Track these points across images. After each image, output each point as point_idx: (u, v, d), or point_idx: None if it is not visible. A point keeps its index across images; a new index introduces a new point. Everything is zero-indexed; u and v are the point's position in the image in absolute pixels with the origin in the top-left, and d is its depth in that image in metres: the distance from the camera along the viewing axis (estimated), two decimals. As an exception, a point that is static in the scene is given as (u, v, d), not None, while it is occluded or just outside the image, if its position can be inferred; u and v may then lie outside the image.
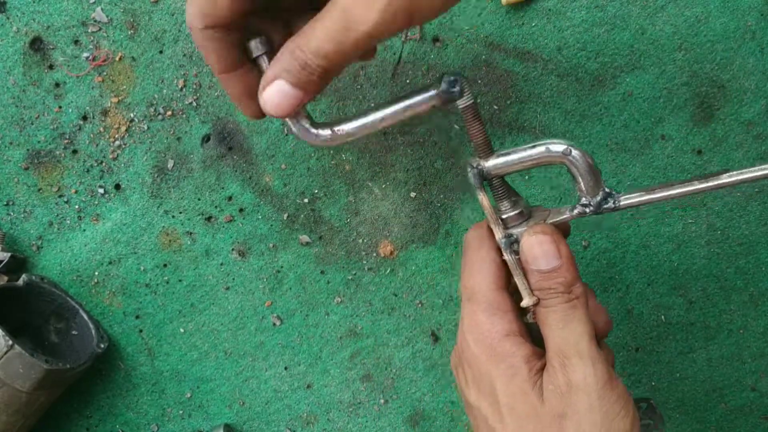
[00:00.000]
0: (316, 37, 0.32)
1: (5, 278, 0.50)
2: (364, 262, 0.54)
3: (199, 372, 0.56)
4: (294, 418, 0.57)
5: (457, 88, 0.35)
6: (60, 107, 0.50)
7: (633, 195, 0.37)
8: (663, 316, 0.57)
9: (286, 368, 0.56)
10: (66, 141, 0.51)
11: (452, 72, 0.36)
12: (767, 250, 0.55)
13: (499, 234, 0.38)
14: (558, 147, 0.36)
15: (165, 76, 0.50)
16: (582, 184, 0.37)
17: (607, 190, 0.37)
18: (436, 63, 0.51)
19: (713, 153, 0.53)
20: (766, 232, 0.55)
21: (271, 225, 0.53)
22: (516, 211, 0.38)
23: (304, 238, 0.54)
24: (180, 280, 0.54)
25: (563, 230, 0.40)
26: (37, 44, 0.49)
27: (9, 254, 0.51)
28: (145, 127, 0.51)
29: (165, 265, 0.54)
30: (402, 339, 0.56)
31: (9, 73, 0.49)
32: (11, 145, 0.51)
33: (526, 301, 0.38)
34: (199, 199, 0.53)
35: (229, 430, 0.55)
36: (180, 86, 0.50)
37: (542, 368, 0.37)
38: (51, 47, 0.49)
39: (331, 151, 0.52)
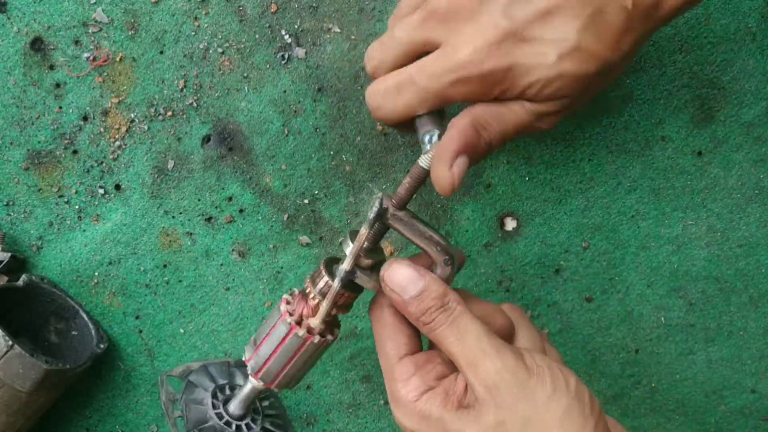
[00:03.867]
0: None
1: (5, 278, 0.50)
2: (364, 262, 0.54)
3: (199, 372, 0.56)
4: (294, 419, 0.57)
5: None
6: (60, 107, 0.50)
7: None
8: (663, 318, 0.57)
9: (285, 369, 0.56)
10: (66, 141, 0.51)
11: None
12: (767, 251, 0.55)
13: (347, 265, 0.39)
14: (443, 262, 0.39)
15: (165, 77, 0.50)
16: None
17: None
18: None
19: (713, 154, 0.53)
20: (766, 234, 0.55)
21: (272, 226, 0.53)
22: (371, 259, 0.40)
23: (305, 239, 0.54)
24: (180, 281, 0.54)
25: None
26: (37, 44, 0.49)
27: (9, 254, 0.51)
28: (146, 128, 0.51)
29: (165, 266, 0.54)
30: (402, 340, 0.56)
31: (9, 73, 0.49)
32: (11, 145, 0.51)
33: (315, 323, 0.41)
34: (199, 200, 0.53)
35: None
36: (180, 87, 0.50)
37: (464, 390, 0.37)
38: (51, 47, 0.49)
39: (331, 152, 0.52)
